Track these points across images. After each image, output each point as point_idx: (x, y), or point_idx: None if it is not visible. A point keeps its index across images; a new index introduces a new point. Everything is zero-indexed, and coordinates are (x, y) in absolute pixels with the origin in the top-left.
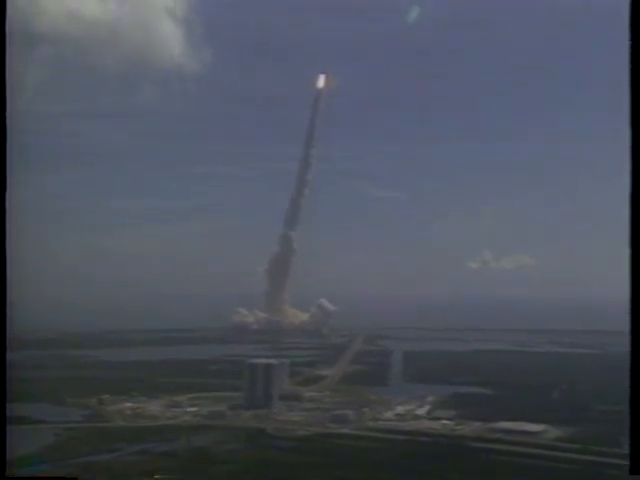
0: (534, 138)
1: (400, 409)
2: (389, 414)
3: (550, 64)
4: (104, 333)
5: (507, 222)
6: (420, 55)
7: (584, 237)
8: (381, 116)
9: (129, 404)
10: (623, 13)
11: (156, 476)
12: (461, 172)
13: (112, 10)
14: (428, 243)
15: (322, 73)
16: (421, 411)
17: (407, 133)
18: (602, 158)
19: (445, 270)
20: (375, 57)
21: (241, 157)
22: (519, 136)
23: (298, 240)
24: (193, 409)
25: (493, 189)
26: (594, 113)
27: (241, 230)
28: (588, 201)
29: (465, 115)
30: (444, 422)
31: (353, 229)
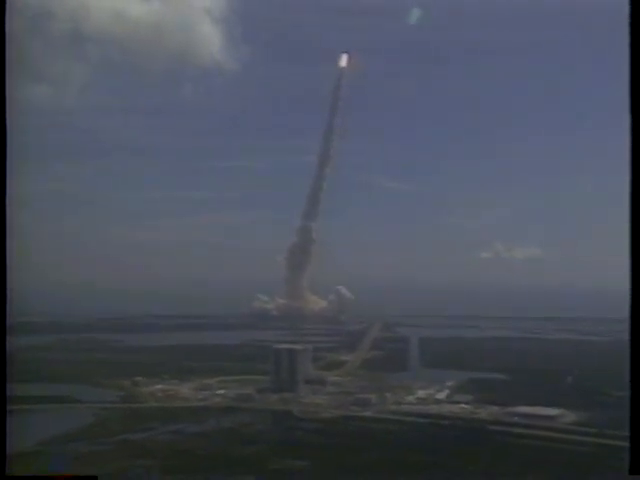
0: (548, 132)
1: (421, 393)
2: (410, 398)
3: (563, 60)
4: (133, 318)
5: (518, 214)
6: (433, 51)
7: (595, 229)
8: (396, 111)
9: (160, 386)
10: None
11: None
12: (475, 165)
13: (156, 11)
14: (442, 234)
15: (345, 52)
16: (441, 395)
17: (422, 128)
18: (618, 151)
19: (458, 260)
20: (390, 53)
21: (269, 152)
22: (533, 129)
23: (317, 230)
24: (222, 392)
25: (505, 182)
26: (610, 108)
27: (262, 221)
28: (600, 194)
29: (479, 110)
30: (463, 406)
31: (369, 221)
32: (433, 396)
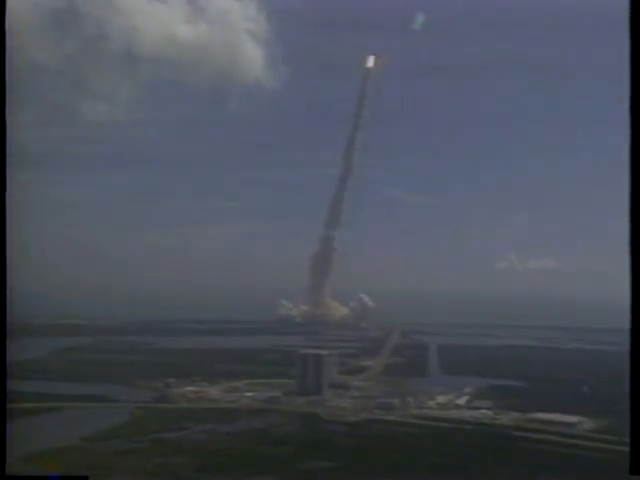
0: (565, 145)
1: (441, 399)
2: (431, 403)
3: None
4: (165, 322)
5: (533, 226)
6: (449, 66)
7: (610, 240)
8: (413, 125)
9: (192, 388)
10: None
11: None
12: (489, 179)
13: (203, 33)
14: (457, 245)
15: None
16: (461, 401)
17: (437, 142)
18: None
19: (474, 270)
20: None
21: (300, 164)
22: (550, 142)
23: (338, 240)
24: (250, 394)
25: (520, 195)
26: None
27: (284, 230)
28: (614, 206)
29: (495, 123)
30: (483, 411)
31: (388, 232)
32: (453, 402)
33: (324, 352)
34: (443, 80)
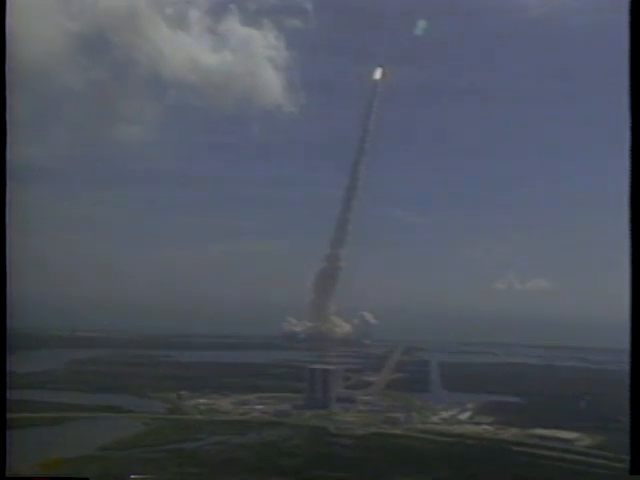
0: (564, 166)
1: (444, 414)
2: (435, 418)
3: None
4: (176, 336)
5: (532, 248)
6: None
7: (606, 265)
8: (411, 147)
9: (203, 400)
10: None
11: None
12: (489, 200)
13: (226, 59)
14: (458, 266)
15: (379, 66)
16: (463, 416)
17: (436, 163)
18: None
19: (473, 290)
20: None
21: (310, 184)
22: (549, 165)
23: (344, 258)
24: (260, 407)
25: (520, 218)
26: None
27: (290, 249)
28: (613, 231)
29: (494, 144)
30: (485, 427)
31: (389, 252)
32: (456, 417)
33: (331, 367)
34: (446, 103)
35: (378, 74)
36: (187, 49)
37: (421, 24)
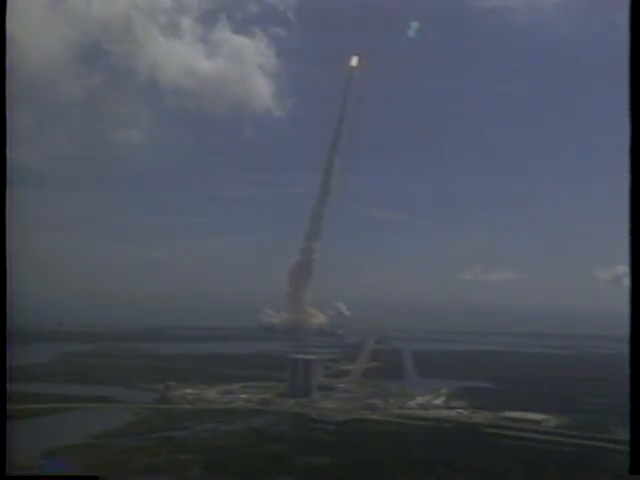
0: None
1: (420, 399)
2: (411, 403)
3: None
4: (158, 329)
5: (495, 241)
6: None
7: (565, 255)
8: (383, 146)
9: (190, 390)
10: None
11: None
12: (457, 198)
13: (220, 66)
14: (427, 259)
15: (355, 54)
16: (438, 401)
17: (406, 163)
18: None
19: (441, 281)
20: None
21: (292, 184)
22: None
23: (318, 251)
24: (245, 396)
25: (484, 214)
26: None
27: (266, 244)
28: (571, 221)
29: (464, 143)
30: (459, 411)
31: (363, 246)
32: (431, 402)
33: (312, 357)
34: (420, 102)
35: (355, 61)
36: (182, 57)
37: (414, 26)
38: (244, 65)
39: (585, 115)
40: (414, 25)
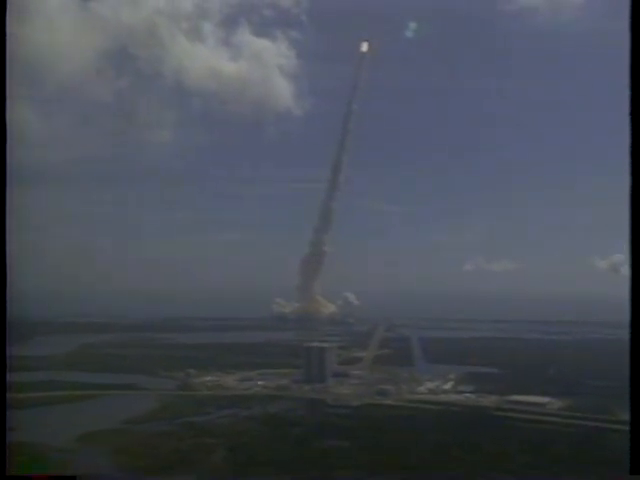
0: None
1: (429, 385)
2: (421, 388)
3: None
4: (176, 319)
5: (497, 233)
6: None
7: (565, 246)
8: (383, 141)
9: (209, 377)
10: None
11: None
12: (459, 189)
13: (243, 68)
14: (432, 250)
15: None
16: (447, 386)
17: (409, 156)
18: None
19: (445, 271)
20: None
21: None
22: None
23: (328, 243)
24: (262, 382)
25: (486, 205)
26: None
27: (277, 239)
28: (571, 214)
29: (465, 134)
30: (467, 395)
31: (368, 238)
32: (440, 387)
33: (326, 345)
34: (426, 101)
35: (365, 47)
36: (207, 60)
37: (412, 26)
38: (265, 67)
39: (585, 115)
40: (412, 26)
